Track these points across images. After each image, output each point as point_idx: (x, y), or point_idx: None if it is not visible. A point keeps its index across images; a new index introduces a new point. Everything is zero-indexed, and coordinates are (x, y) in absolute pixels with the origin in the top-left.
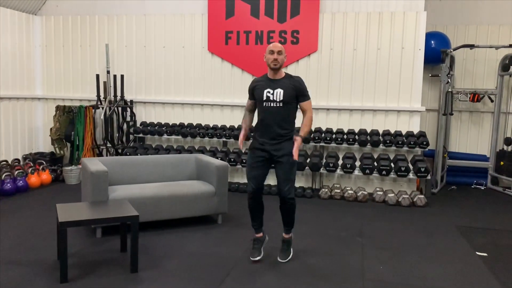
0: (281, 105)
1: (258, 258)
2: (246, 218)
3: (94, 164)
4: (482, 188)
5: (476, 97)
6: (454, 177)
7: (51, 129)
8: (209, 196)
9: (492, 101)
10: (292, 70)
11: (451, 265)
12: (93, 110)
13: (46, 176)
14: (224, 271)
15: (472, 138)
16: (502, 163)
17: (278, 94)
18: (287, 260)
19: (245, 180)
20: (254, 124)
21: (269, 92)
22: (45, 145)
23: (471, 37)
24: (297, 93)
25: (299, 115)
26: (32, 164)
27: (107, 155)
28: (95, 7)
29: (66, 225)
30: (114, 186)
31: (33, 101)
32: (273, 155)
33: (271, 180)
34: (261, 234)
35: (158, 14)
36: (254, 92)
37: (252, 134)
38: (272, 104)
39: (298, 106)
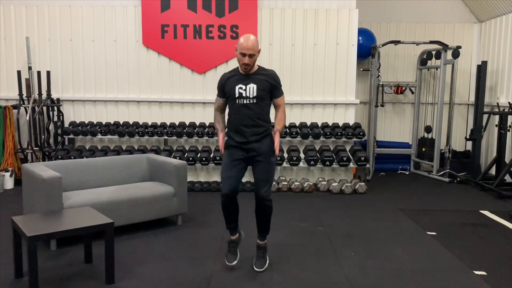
0: (254, 101)
1: (234, 262)
2: (205, 217)
3: (42, 170)
4: (407, 173)
5: (399, 89)
6: (381, 164)
7: None
8: (169, 197)
9: (413, 92)
10: (233, 65)
11: (410, 245)
12: (14, 110)
13: None
14: (205, 276)
15: (396, 127)
16: (424, 149)
17: (251, 89)
18: (264, 268)
19: (200, 179)
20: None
21: (241, 88)
22: None
23: (392, 33)
24: (271, 88)
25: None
26: None
27: (33, 160)
28: None
29: (35, 239)
30: (65, 193)
31: None
32: (251, 155)
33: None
34: (236, 236)
35: (86, 5)
36: (225, 88)
37: (227, 132)
38: (245, 101)
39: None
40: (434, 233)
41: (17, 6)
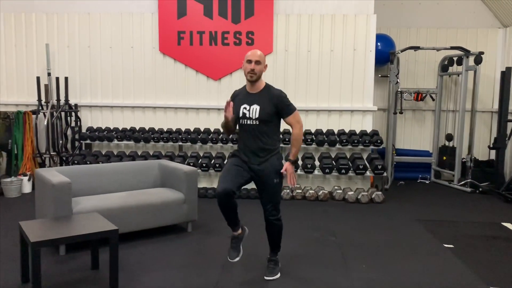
0: (257, 123)
1: (237, 259)
2: (216, 224)
3: (54, 175)
4: (427, 182)
5: (419, 96)
6: (400, 172)
7: None
8: (179, 204)
9: (433, 99)
10: None
11: (426, 258)
12: (33, 115)
13: None
14: (210, 285)
15: (416, 135)
16: (445, 158)
17: (254, 111)
18: (274, 277)
19: (213, 185)
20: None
21: (245, 108)
22: None
23: (413, 39)
24: (277, 109)
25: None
26: None
27: (50, 164)
28: (32, 5)
29: (39, 245)
30: (76, 198)
31: None
32: (257, 172)
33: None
34: (239, 232)
35: (104, 13)
36: (233, 105)
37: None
38: (248, 122)
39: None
40: (451, 246)
41: (38, 14)
